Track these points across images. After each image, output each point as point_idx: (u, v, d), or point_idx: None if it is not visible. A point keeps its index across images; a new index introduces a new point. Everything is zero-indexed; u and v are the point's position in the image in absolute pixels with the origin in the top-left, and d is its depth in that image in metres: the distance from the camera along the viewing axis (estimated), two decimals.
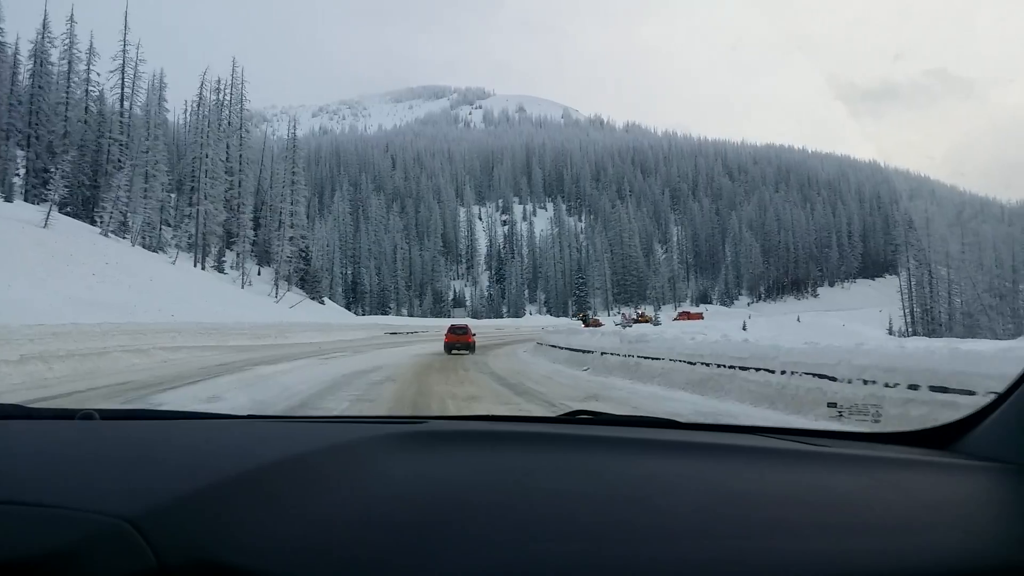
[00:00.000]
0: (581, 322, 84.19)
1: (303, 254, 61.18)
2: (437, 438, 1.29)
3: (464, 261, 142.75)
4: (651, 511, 0.86)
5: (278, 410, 8.28)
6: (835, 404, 5.89)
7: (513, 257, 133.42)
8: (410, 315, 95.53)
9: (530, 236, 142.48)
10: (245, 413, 1.94)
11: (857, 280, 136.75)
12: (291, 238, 58.09)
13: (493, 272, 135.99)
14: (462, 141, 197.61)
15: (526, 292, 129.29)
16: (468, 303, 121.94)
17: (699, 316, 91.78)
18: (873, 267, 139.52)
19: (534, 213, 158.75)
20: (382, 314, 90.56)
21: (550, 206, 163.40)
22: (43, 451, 1.19)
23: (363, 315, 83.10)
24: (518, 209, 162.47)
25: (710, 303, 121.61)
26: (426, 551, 0.74)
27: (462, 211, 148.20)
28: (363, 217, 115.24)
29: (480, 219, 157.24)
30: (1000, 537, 0.76)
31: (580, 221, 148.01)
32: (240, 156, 58.61)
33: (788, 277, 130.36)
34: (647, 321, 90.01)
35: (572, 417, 1.67)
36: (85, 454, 1.17)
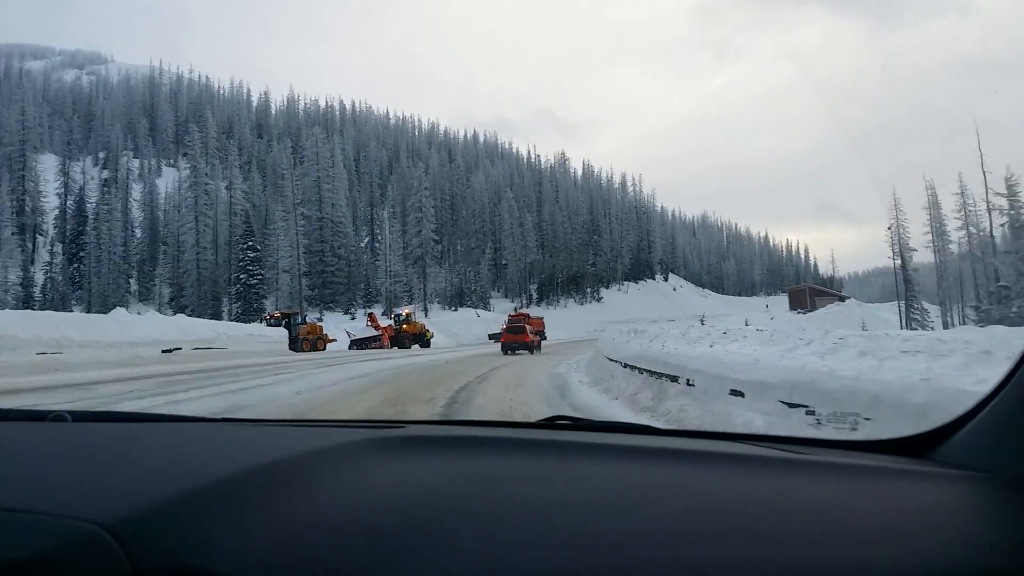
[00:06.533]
0: (284, 328, 32.98)
1: None
2: (415, 443, 1.26)
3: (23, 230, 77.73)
4: (630, 518, 0.85)
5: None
6: (813, 411, 4.58)
7: (105, 224, 72.63)
8: None
9: (151, 200, 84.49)
10: (220, 416, 1.95)
11: (625, 283, 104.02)
12: None
13: (69, 245, 73.87)
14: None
15: (134, 279, 70.49)
16: None
17: (539, 322, 48.01)
18: (633, 270, 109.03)
19: (158, 171, 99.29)
20: None
21: (186, 163, 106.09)
22: (14, 454, 1.16)
23: None
24: (133, 165, 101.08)
25: (463, 305, 76.59)
26: (404, 557, 0.73)
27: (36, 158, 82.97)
28: None
29: (66, 174, 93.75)
30: (974, 546, 0.76)
31: (230, 188, 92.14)
32: None
33: (563, 273, 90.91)
34: (417, 333, 41.99)
35: (551, 423, 1.63)
36: (58, 457, 1.13)
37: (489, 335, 50.31)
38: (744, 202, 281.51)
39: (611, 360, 11.72)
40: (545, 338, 49.11)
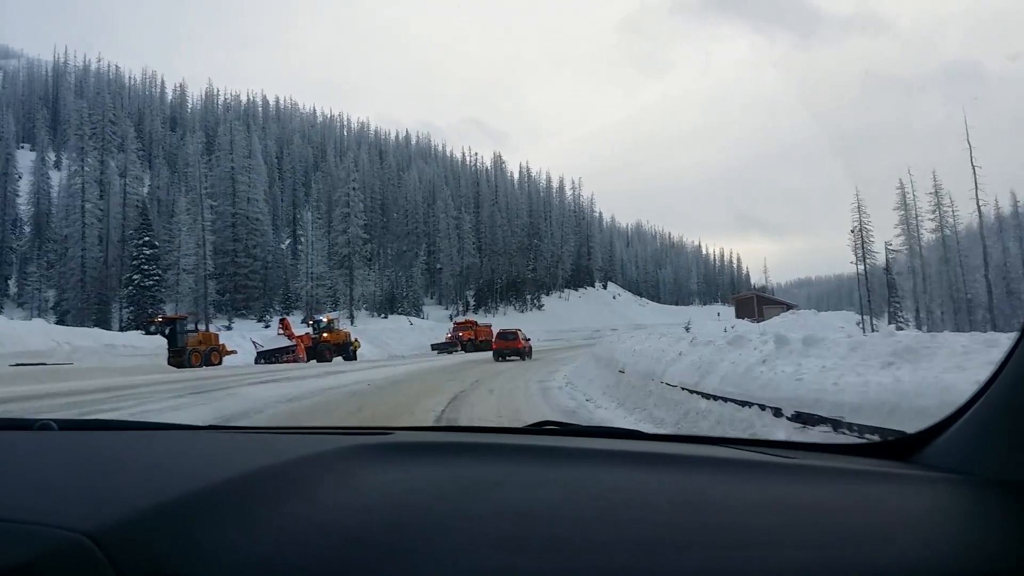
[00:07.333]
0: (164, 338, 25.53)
1: None
2: (403, 450, 1.26)
3: None
4: (617, 522, 0.85)
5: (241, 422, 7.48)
6: (799, 415, 4.38)
7: None
8: None
9: (37, 192, 75.70)
10: (207, 424, 1.96)
11: (566, 290, 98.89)
12: None
13: None
14: None
15: (12, 281, 61.30)
16: None
17: (487, 331, 43.13)
18: (574, 277, 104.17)
19: (56, 164, 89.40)
20: None
21: (93, 156, 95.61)
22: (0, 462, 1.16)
23: None
24: (26, 158, 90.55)
25: (394, 312, 69.68)
26: (392, 564, 0.73)
27: None
28: None
29: None
30: (957, 549, 0.76)
31: (124, 174, 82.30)
32: None
33: (502, 279, 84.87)
34: (340, 344, 35.68)
35: (539, 428, 1.62)
36: (43, 466, 1.14)
37: (432, 345, 44.46)
38: (674, 213, 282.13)
39: (693, 392, 6.08)
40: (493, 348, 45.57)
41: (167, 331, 26.81)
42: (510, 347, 27.50)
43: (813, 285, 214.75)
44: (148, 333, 25.50)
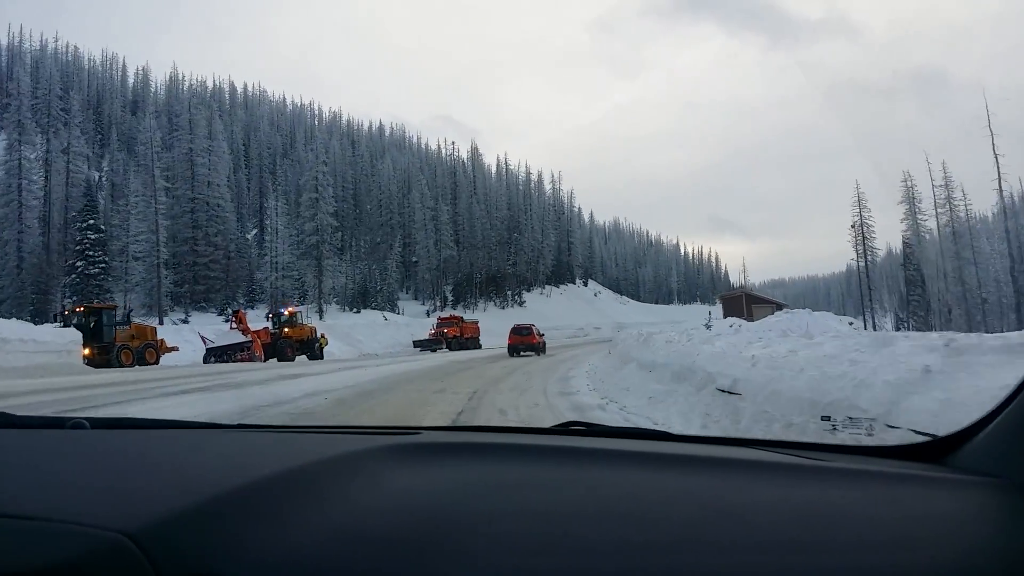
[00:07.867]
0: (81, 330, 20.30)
1: None
2: (431, 450, 1.26)
3: None
4: (646, 525, 0.85)
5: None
6: (828, 417, 4.38)
7: None
8: None
9: None
10: (235, 422, 1.97)
11: (547, 286, 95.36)
12: None
13: None
14: None
15: None
16: None
17: (474, 327, 39.97)
18: (555, 273, 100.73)
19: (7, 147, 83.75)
20: None
21: (41, 137, 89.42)
22: (36, 462, 1.18)
23: None
24: None
25: (367, 307, 65.46)
26: (421, 565, 0.74)
27: None
28: None
29: None
30: (992, 552, 0.75)
31: (68, 150, 76.83)
32: None
33: (481, 273, 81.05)
34: (304, 340, 31.65)
35: (566, 428, 1.61)
36: (79, 465, 1.15)
37: (415, 342, 40.76)
38: (651, 212, 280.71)
39: None
40: (480, 346, 41.60)
41: (92, 323, 22.45)
42: (525, 342, 27.25)
43: (787, 286, 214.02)
44: (64, 325, 21.22)
